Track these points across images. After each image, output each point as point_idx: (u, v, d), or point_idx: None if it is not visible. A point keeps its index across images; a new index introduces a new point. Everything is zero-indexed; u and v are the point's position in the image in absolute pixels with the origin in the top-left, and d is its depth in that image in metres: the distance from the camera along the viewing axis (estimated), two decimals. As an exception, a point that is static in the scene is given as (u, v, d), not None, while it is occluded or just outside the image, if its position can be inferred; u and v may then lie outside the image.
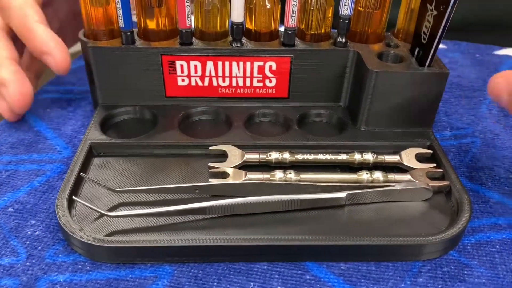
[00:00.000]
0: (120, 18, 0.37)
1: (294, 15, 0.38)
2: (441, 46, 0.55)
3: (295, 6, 0.37)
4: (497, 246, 0.31)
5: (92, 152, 0.37)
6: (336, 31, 0.40)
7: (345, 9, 0.38)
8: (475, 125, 0.43)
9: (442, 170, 0.35)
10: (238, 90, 0.41)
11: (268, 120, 0.42)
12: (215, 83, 0.41)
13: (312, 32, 0.40)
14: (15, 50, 0.40)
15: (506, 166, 0.38)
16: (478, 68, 0.53)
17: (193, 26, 0.39)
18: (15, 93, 0.38)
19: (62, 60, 0.38)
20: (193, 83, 0.41)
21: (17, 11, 0.38)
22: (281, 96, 0.42)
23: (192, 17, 0.39)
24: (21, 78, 0.38)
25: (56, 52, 0.38)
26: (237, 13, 0.38)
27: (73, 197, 0.31)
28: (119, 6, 0.36)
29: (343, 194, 0.33)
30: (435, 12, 0.35)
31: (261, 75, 0.40)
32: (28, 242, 0.31)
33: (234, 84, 0.41)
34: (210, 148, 0.37)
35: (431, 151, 0.37)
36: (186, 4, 0.37)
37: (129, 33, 0.38)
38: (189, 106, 0.41)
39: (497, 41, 0.58)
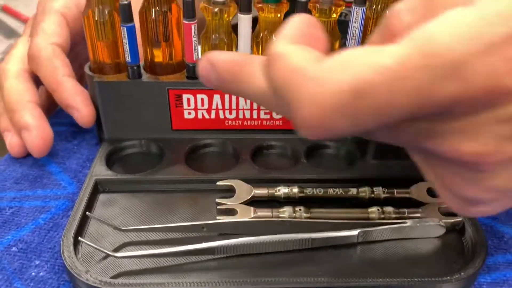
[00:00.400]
0: (127, 52, 0.37)
1: (301, 48, 0.37)
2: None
3: (303, 39, 0.37)
4: (515, 286, 0.31)
5: (98, 188, 0.36)
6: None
7: (352, 42, 0.38)
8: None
9: (454, 205, 0.35)
10: (245, 122, 0.41)
11: (276, 152, 0.41)
12: (222, 116, 0.40)
13: (319, 65, 0.40)
14: (37, 93, 0.41)
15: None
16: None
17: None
18: (37, 138, 0.38)
19: (87, 115, 0.39)
20: (200, 116, 0.40)
21: (47, 63, 0.39)
22: (288, 128, 0.41)
23: (199, 50, 0.38)
24: (44, 123, 0.39)
25: (82, 107, 0.39)
26: (244, 48, 0.38)
27: (79, 238, 0.30)
28: (125, 41, 0.36)
29: (354, 232, 0.32)
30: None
31: (268, 108, 0.40)
32: (32, 284, 0.30)
33: (241, 116, 0.40)
34: (218, 183, 0.36)
35: (442, 185, 0.36)
36: (193, 39, 0.37)
37: (135, 67, 0.38)
38: (196, 138, 0.41)
39: None
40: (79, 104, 0.39)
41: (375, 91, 0.17)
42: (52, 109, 0.47)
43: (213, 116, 0.40)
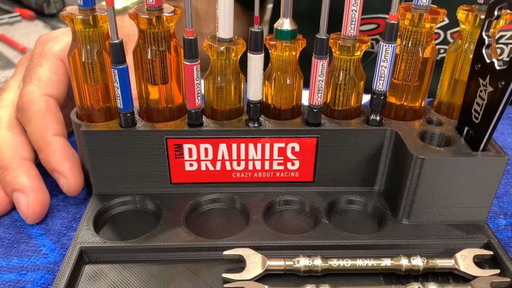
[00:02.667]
0: (119, 98, 0.32)
1: (320, 92, 0.32)
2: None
3: (322, 82, 0.32)
4: None
5: (83, 258, 0.31)
6: (368, 105, 0.34)
7: (381, 84, 0.32)
8: (532, 210, 0.37)
9: (510, 279, 0.29)
10: (256, 174, 0.35)
11: (292, 208, 0.36)
12: (228, 167, 0.35)
13: (340, 108, 0.34)
14: (31, 147, 0.36)
15: None
16: (522, 135, 0.47)
17: (203, 103, 0.34)
18: (34, 204, 0.34)
19: (74, 185, 0.35)
20: (203, 168, 0.35)
21: (37, 117, 0.35)
22: (306, 180, 0.36)
23: (202, 93, 0.33)
24: (41, 186, 0.35)
25: (70, 176, 0.34)
26: (254, 91, 0.32)
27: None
28: (117, 85, 0.31)
29: (393, 319, 0.26)
30: (490, 89, 0.30)
31: (282, 158, 0.35)
32: None
33: (250, 167, 0.35)
34: (224, 253, 0.30)
35: (491, 253, 0.31)
36: (196, 82, 0.31)
37: (128, 114, 0.33)
38: (198, 193, 0.35)
39: None
40: (66, 171, 0.34)
41: None
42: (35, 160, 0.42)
43: (218, 167, 0.35)
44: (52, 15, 1.20)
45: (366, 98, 0.34)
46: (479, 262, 0.31)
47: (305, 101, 0.34)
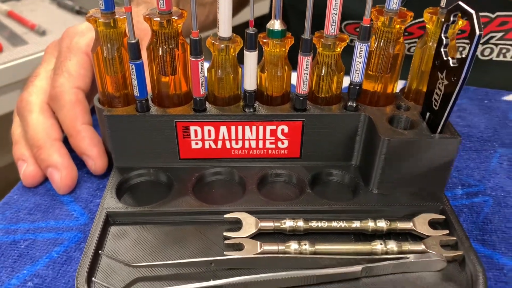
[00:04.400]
0: (135, 88, 0.38)
1: (305, 83, 0.38)
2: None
3: (307, 75, 0.38)
4: (513, 320, 0.32)
5: (109, 220, 0.37)
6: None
7: (356, 76, 0.38)
8: (486, 182, 0.44)
9: (455, 238, 0.36)
10: (251, 152, 0.42)
11: (281, 180, 0.42)
12: (228, 146, 0.41)
13: (323, 96, 0.40)
14: (60, 129, 0.42)
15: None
16: (487, 116, 0.53)
17: (206, 91, 0.40)
18: (67, 178, 0.41)
19: (101, 166, 0.42)
20: (207, 146, 0.41)
21: (68, 108, 0.41)
22: (293, 156, 0.42)
23: (206, 84, 0.39)
24: (71, 163, 0.42)
25: (97, 158, 0.41)
26: (249, 82, 0.38)
27: (92, 278, 0.32)
28: (134, 77, 0.37)
29: (358, 268, 0.33)
30: (446, 82, 0.36)
31: (273, 138, 0.41)
32: (48, 321, 0.31)
33: (247, 146, 0.41)
34: (225, 216, 0.37)
35: (443, 217, 0.37)
36: (200, 74, 0.37)
37: (144, 101, 0.39)
38: (203, 167, 0.42)
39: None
40: (95, 155, 0.41)
41: None
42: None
43: (219, 146, 0.41)
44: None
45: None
46: (434, 224, 0.37)
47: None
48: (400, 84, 0.43)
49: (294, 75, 0.39)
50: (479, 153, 0.47)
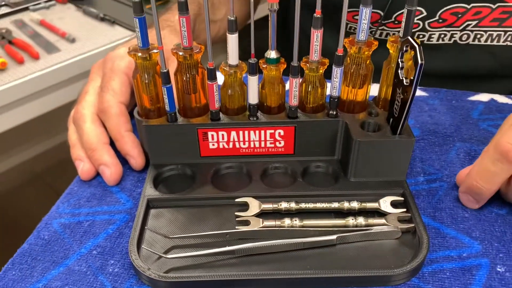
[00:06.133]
0: (166, 104, 0.50)
1: (295, 97, 0.50)
2: (423, 93, 0.67)
3: (296, 91, 0.49)
4: (447, 273, 0.43)
5: (149, 205, 0.50)
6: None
7: (334, 92, 0.50)
8: (444, 170, 0.55)
9: (410, 214, 0.47)
10: (255, 150, 0.54)
11: (279, 171, 0.54)
12: (237, 146, 0.53)
13: (310, 105, 0.52)
14: (108, 135, 0.55)
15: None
16: (453, 114, 0.64)
17: (220, 103, 0.52)
18: (116, 174, 0.53)
19: (141, 164, 0.54)
20: (221, 146, 0.53)
21: (114, 118, 0.53)
22: (288, 153, 0.54)
23: (220, 100, 0.51)
24: (117, 161, 0.54)
25: (137, 157, 0.53)
26: (252, 97, 0.50)
27: (142, 246, 0.44)
28: (165, 96, 0.49)
29: (333, 237, 0.45)
30: (401, 96, 0.47)
31: (272, 139, 0.53)
32: (110, 277, 0.44)
33: (252, 146, 0.53)
34: (236, 200, 0.49)
35: (402, 199, 0.49)
36: (215, 93, 0.49)
37: (173, 114, 0.51)
38: (218, 163, 0.54)
39: (472, 87, 0.69)
40: (136, 155, 0.53)
41: None
42: None
43: (231, 146, 0.53)
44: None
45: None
46: (396, 204, 0.49)
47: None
48: (375, 87, 0.54)
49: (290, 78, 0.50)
50: (441, 147, 0.58)
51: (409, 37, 0.45)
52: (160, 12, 0.74)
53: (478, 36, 0.72)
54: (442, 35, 0.72)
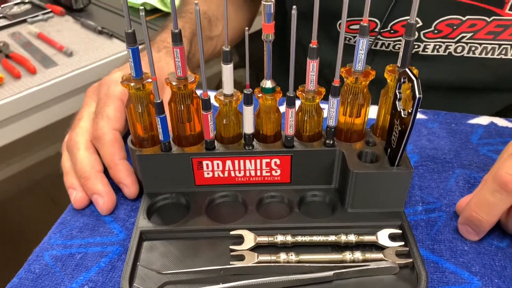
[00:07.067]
0: (160, 134, 0.49)
1: (291, 127, 0.49)
2: (422, 116, 0.66)
3: (292, 121, 0.48)
4: (446, 311, 0.42)
5: (142, 237, 0.49)
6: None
7: (331, 122, 0.49)
8: (443, 199, 0.54)
9: (408, 248, 0.46)
10: (251, 179, 0.53)
11: (275, 200, 0.53)
12: (233, 175, 0.52)
13: (307, 134, 0.51)
14: (102, 163, 0.54)
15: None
16: (452, 138, 0.63)
17: (214, 131, 0.51)
18: (108, 202, 0.52)
19: (134, 192, 0.53)
20: (216, 175, 0.52)
21: (108, 146, 0.52)
22: (285, 181, 0.53)
23: (215, 130, 0.50)
24: (111, 190, 0.53)
25: (131, 186, 0.53)
26: (247, 127, 0.49)
27: (134, 284, 0.43)
28: (159, 125, 0.48)
29: (330, 273, 0.44)
30: (399, 127, 0.46)
31: (268, 168, 0.52)
32: (102, 314, 0.43)
33: (247, 174, 0.52)
34: (231, 233, 0.48)
35: (400, 231, 0.48)
36: (210, 123, 0.48)
37: (167, 143, 0.50)
38: (213, 191, 0.53)
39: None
40: (130, 184, 0.52)
41: None
42: None
43: (226, 175, 0.52)
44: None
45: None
46: (394, 237, 0.48)
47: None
48: (373, 109, 0.53)
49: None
50: (440, 174, 0.57)
51: (407, 69, 0.44)
52: (158, 30, 0.74)
53: (473, 48, 0.71)
54: (437, 46, 0.71)
